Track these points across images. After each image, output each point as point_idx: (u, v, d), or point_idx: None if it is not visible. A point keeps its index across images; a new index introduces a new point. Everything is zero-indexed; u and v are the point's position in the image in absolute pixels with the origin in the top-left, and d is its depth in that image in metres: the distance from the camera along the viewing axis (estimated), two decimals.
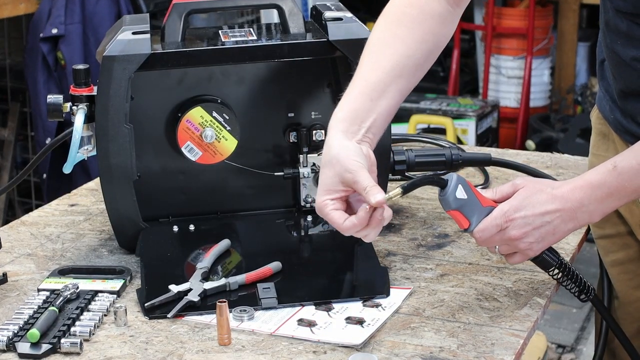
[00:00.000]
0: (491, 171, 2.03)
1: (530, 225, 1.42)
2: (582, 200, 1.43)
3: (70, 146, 1.62)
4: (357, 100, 1.47)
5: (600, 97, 1.73)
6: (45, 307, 1.46)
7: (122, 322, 1.45)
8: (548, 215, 1.43)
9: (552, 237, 1.45)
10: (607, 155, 1.69)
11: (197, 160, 1.68)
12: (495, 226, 1.42)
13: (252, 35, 1.69)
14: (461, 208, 1.43)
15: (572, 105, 5.19)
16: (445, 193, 1.43)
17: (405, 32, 1.53)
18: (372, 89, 1.47)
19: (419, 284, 1.57)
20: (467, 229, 1.44)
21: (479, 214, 1.43)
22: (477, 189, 1.45)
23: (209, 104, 1.67)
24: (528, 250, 1.45)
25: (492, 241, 1.44)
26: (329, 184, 1.42)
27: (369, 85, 1.48)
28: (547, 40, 5.13)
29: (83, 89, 1.65)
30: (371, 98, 1.47)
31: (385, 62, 1.50)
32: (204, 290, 1.50)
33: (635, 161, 1.41)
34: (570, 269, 1.51)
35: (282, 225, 1.74)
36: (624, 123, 1.63)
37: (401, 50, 1.51)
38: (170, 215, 1.74)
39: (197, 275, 1.53)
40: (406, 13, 1.54)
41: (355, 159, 1.41)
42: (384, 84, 1.48)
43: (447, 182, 1.43)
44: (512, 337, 1.41)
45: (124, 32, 1.62)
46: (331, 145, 1.43)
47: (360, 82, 1.49)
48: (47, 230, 1.81)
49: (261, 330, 1.44)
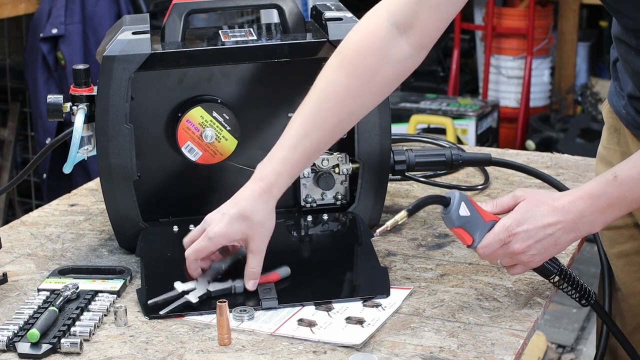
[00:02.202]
0: (491, 171, 2.03)
1: (532, 239, 1.43)
2: (582, 211, 1.43)
3: (70, 146, 1.62)
4: (294, 167, 1.51)
5: (613, 93, 1.73)
6: (45, 307, 1.46)
7: (122, 322, 1.45)
8: (550, 228, 1.43)
9: (553, 248, 1.45)
10: (619, 148, 1.69)
11: (197, 160, 1.68)
12: (499, 241, 1.43)
13: (252, 35, 1.69)
14: (464, 225, 1.44)
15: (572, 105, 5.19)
16: (448, 211, 1.43)
17: (359, 87, 1.51)
18: (310, 155, 1.51)
19: (419, 284, 1.57)
20: (471, 245, 1.45)
21: (482, 229, 1.44)
22: (479, 204, 1.46)
23: (209, 104, 1.67)
24: (530, 262, 1.46)
25: (496, 255, 1.45)
26: (230, 236, 1.51)
27: (307, 150, 1.50)
28: (547, 40, 5.13)
29: (83, 89, 1.65)
30: (307, 164, 1.53)
31: (330, 121, 1.50)
32: (207, 292, 1.50)
33: (635, 171, 1.42)
34: (570, 275, 1.52)
35: (282, 225, 1.74)
36: (637, 119, 1.63)
37: (349, 108, 1.51)
38: (170, 215, 1.74)
39: (207, 275, 1.53)
40: (364, 62, 1.50)
41: (267, 235, 1.51)
42: (322, 147, 1.52)
43: (450, 200, 1.43)
44: (512, 337, 1.41)
45: (124, 32, 1.62)
46: (255, 206, 1.49)
47: (304, 142, 1.50)
48: (47, 230, 1.81)
49: (261, 330, 1.43)
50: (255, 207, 1.48)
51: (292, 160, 1.49)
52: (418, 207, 1.43)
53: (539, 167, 2.00)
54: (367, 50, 1.50)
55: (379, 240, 1.72)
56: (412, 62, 1.53)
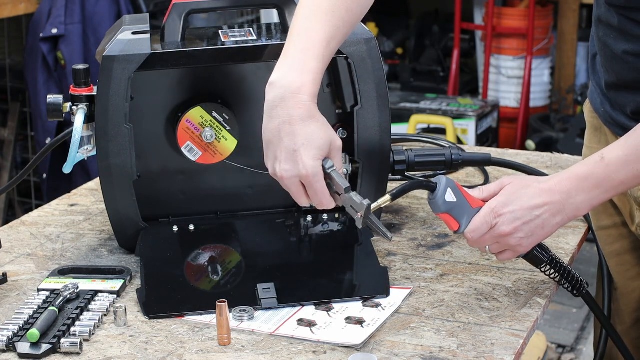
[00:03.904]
0: (491, 171, 2.03)
1: (519, 220, 1.43)
2: (569, 191, 1.43)
3: (70, 146, 1.62)
4: (319, 72, 1.44)
5: (592, 91, 1.74)
6: (45, 307, 1.46)
7: (122, 322, 1.45)
8: (537, 210, 1.43)
9: (541, 231, 1.45)
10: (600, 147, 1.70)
11: (197, 160, 1.68)
12: (485, 224, 1.43)
13: (252, 35, 1.69)
14: (451, 211, 1.44)
15: (572, 105, 5.19)
16: (434, 196, 1.44)
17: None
18: (331, 50, 1.45)
19: (419, 284, 1.57)
20: (458, 231, 1.45)
21: (469, 215, 1.44)
22: (467, 191, 1.46)
23: (209, 104, 1.67)
24: (518, 246, 1.45)
25: (484, 240, 1.45)
26: (322, 146, 1.40)
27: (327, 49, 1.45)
28: (547, 40, 5.13)
29: (83, 89, 1.65)
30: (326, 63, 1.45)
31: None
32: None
33: (622, 152, 1.42)
34: (562, 265, 1.51)
35: (282, 225, 1.74)
36: (613, 115, 1.64)
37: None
38: (170, 215, 1.74)
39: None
40: None
41: (338, 136, 1.43)
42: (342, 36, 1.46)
43: (437, 186, 1.43)
44: (512, 337, 1.41)
45: (124, 32, 1.62)
46: (313, 106, 1.41)
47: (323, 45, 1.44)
48: (47, 230, 1.81)
49: (261, 330, 1.44)
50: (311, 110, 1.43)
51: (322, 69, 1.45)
52: (403, 191, 1.44)
53: (539, 167, 2.00)
54: None
55: (379, 240, 1.72)
56: None
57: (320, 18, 1.45)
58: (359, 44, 1.64)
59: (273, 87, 1.42)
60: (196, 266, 1.63)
